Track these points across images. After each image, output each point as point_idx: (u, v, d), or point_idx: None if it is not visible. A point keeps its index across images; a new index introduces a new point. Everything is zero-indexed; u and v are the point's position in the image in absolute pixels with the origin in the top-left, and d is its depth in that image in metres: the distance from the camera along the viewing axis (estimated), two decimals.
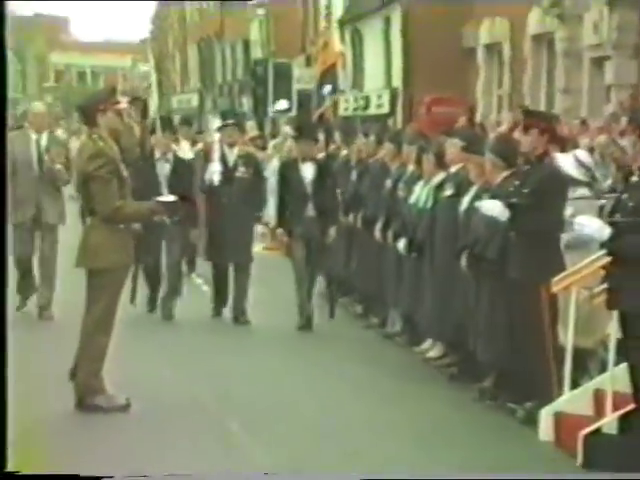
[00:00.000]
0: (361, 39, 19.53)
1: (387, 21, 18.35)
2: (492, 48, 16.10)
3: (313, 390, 5.72)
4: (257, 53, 27.01)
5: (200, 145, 9.67)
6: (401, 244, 6.91)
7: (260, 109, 20.10)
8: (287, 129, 15.02)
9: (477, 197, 5.80)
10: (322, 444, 4.62)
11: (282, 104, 17.69)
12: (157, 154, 7.70)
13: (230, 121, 7.99)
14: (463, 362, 6.11)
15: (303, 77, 21.38)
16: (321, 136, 10.08)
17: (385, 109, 18.54)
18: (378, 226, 7.54)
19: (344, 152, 9.21)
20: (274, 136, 14.20)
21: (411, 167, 7.32)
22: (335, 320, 7.71)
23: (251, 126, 14.05)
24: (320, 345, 7.10)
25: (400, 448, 4.65)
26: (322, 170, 7.70)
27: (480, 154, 5.99)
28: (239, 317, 7.79)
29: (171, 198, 5.28)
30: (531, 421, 5.02)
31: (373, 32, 19.02)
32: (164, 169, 7.61)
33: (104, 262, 5.05)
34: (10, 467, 3.73)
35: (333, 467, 4.31)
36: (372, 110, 18.94)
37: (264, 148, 12.08)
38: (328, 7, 19.22)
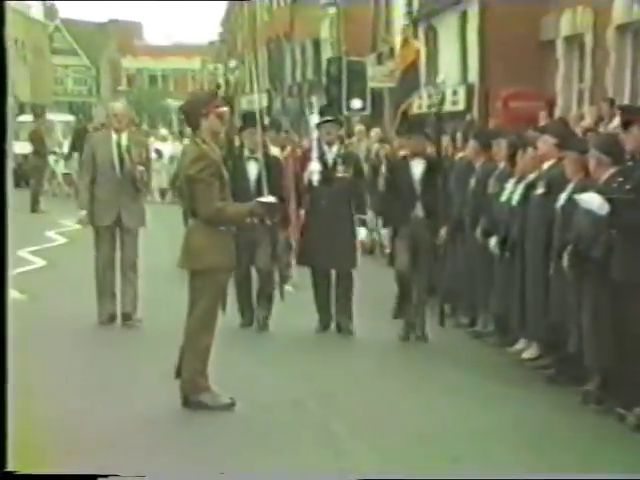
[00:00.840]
0: (435, 35, 19.38)
1: (463, 16, 18.14)
2: (573, 40, 15.72)
3: (413, 396, 5.62)
4: (327, 52, 27.04)
5: (289, 149, 8.99)
6: (492, 242, 6.80)
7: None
8: (361, 127, 14.96)
9: (575, 193, 5.66)
10: (425, 449, 4.55)
11: (356, 103, 17.60)
12: (246, 152, 7.32)
13: (329, 117, 7.50)
14: (561, 363, 5.97)
15: (376, 75, 21.32)
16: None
17: (461, 105, 18.33)
18: (467, 224, 7.45)
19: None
20: (349, 136, 14.16)
21: (502, 164, 7.22)
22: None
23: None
24: (415, 348, 6.95)
25: (505, 453, 4.54)
26: (433, 167, 7.21)
27: (575, 150, 5.86)
28: (342, 327, 7.28)
29: (271, 199, 5.27)
30: None
31: (448, 28, 18.83)
32: (253, 169, 7.16)
33: (206, 263, 5.07)
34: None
35: (437, 472, 4.24)
36: (447, 106, 18.71)
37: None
38: (409, 4, 19.10)
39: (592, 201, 5.25)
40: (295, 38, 32.97)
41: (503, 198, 6.84)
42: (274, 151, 8.60)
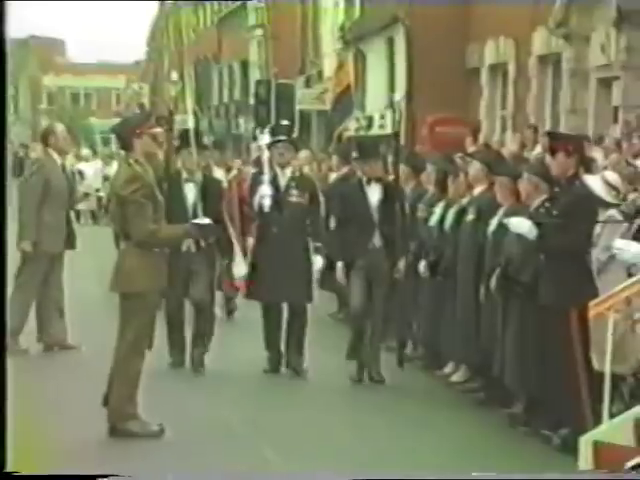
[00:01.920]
0: (364, 59, 19.61)
1: (390, 41, 18.42)
2: (496, 68, 16.16)
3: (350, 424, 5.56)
4: (255, 74, 27.10)
5: (235, 171, 8.61)
6: (422, 266, 6.86)
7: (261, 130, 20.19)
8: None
9: (506, 218, 5.77)
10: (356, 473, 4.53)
11: (283, 125, 17.75)
12: (184, 174, 6.72)
13: (282, 137, 6.88)
14: (489, 386, 6.05)
15: (304, 98, 21.46)
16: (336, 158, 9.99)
17: (388, 129, 18.56)
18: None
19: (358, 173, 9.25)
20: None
21: (431, 188, 7.32)
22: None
23: (255, 147, 14.06)
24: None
25: (434, 472, 4.56)
26: (390, 192, 6.58)
27: (506, 175, 5.98)
28: (294, 367, 6.67)
29: (206, 220, 5.25)
30: (567, 448, 4.96)
31: (376, 52, 19.08)
32: (191, 191, 6.51)
33: (138, 286, 5.03)
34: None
35: None
36: (375, 130, 18.96)
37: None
38: (342, 28, 19.26)
39: (521, 225, 5.36)
40: (223, 59, 32.94)
41: (432, 222, 6.93)
42: (218, 173, 8.11)
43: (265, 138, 6.95)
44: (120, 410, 4.96)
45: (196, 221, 5.24)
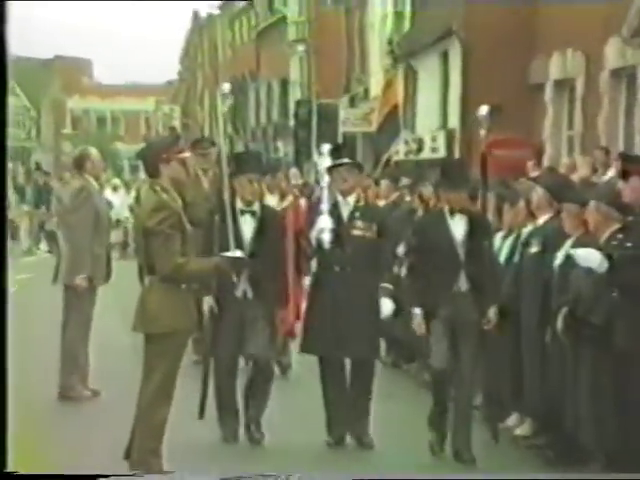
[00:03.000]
0: (415, 76, 19.66)
1: (444, 56, 18.44)
2: (563, 84, 16.03)
3: None
4: (296, 93, 27.32)
5: (290, 198, 8.06)
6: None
7: (302, 154, 20.28)
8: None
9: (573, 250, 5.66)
10: None
11: (327, 148, 17.83)
12: (239, 204, 6.22)
13: (345, 160, 6.31)
14: (560, 444, 5.87)
15: (348, 119, 21.56)
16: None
17: (441, 152, 18.54)
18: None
19: (407, 200, 9.23)
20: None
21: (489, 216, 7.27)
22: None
23: (294, 174, 14.11)
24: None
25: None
26: (477, 225, 6.04)
27: (574, 202, 5.88)
28: (362, 439, 6.12)
29: (237, 253, 5.23)
30: None
31: (428, 69, 19.11)
32: (249, 225, 6.19)
33: (164, 326, 5.01)
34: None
35: None
36: (426, 153, 18.94)
37: (310, 197, 11.96)
38: (391, 42, 19.33)
39: (590, 257, 5.24)
40: (261, 77, 33.29)
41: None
42: (271, 201, 7.73)
43: (325, 160, 6.39)
44: (143, 464, 4.92)
45: (227, 254, 5.22)
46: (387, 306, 6.21)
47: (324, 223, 6.22)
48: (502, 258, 6.63)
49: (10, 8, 3.55)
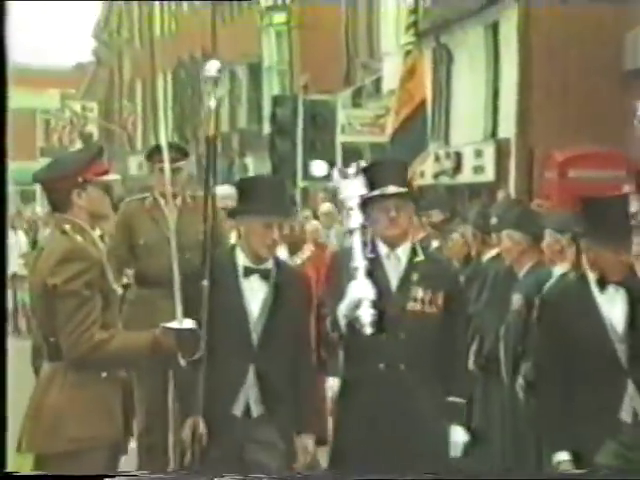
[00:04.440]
0: (449, 60, 19.88)
1: (494, 29, 18.66)
2: None
3: None
4: (273, 85, 27.51)
5: (308, 249, 7.94)
6: None
7: (282, 176, 20.40)
8: (329, 207, 15.10)
9: None
10: None
11: (319, 167, 17.76)
12: (243, 260, 5.91)
13: (391, 188, 5.91)
14: None
15: (351, 124, 21.72)
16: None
17: (488, 174, 18.72)
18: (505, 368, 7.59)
19: (434, 244, 9.33)
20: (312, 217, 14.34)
21: (560, 268, 7.43)
22: None
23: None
24: None
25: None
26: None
27: None
28: None
29: (187, 324, 5.26)
30: None
31: (469, 48, 19.32)
32: (258, 291, 5.88)
33: (69, 440, 5.03)
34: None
35: None
36: (466, 175, 19.12)
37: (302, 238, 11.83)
38: (415, 11, 19.39)
39: None
40: (220, 60, 33.57)
41: None
42: (281, 254, 7.47)
43: (352, 186, 6.00)
44: None
45: (171, 325, 5.29)
46: (458, 433, 5.94)
47: (361, 292, 5.76)
48: None
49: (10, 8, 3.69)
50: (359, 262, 5.81)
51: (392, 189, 5.90)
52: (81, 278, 5.06)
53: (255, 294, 5.87)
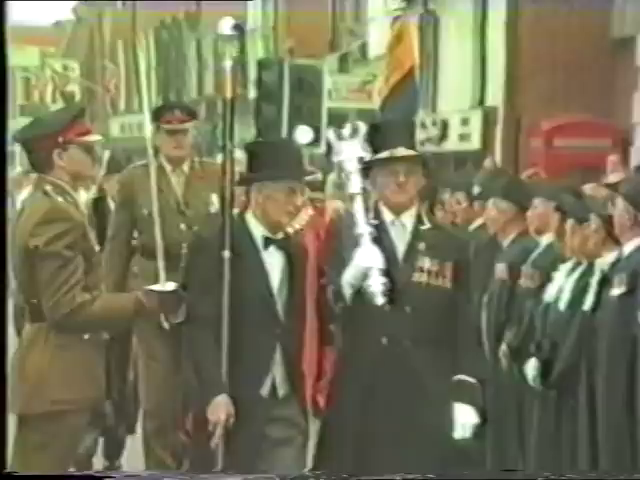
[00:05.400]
0: (437, 26, 19.85)
1: None
2: None
3: None
4: (257, 48, 27.47)
5: (305, 213, 7.32)
6: (531, 369, 6.87)
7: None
8: (316, 177, 14.93)
9: None
10: None
11: (304, 134, 17.69)
12: (261, 230, 5.61)
13: (401, 150, 5.64)
14: None
15: (338, 89, 21.70)
16: None
17: (474, 142, 18.71)
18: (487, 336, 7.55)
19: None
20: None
21: (546, 239, 7.41)
22: None
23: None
24: None
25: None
26: None
27: None
28: None
29: (170, 286, 5.25)
30: None
31: (457, 14, 19.32)
32: (277, 262, 5.61)
33: (51, 402, 5.06)
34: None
35: None
36: (452, 143, 19.12)
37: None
38: None
39: None
40: (203, 24, 33.40)
41: (548, 296, 6.98)
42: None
43: (350, 148, 5.71)
44: None
45: (154, 287, 5.26)
46: (466, 417, 5.62)
47: (370, 260, 5.49)
48: (563, 302, 6.78)
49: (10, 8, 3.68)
50: (363, 228, 5.54)
51: (402, 151, 5.62)
52: (62, 239, 5.07)
53: (274, 266, 5.57)
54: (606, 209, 6.74)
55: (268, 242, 5.57)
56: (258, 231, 5.58)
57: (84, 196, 5.43)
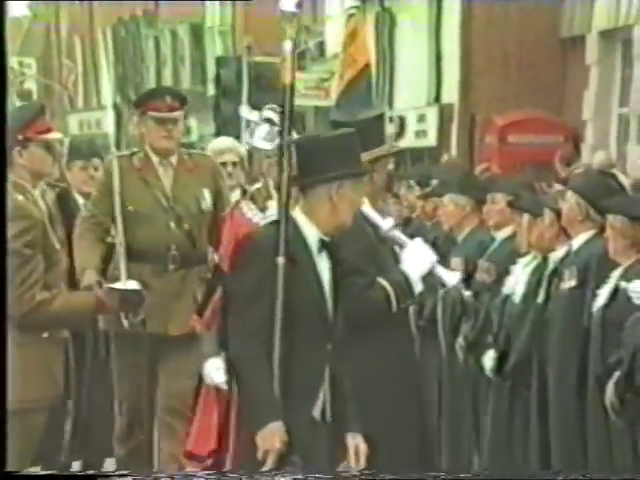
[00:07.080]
0: (392, 24, 19.82)
1: None
2: (612, 36, 16.03)
3: None
4: (216, 46, 27.26)
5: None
6: (488, 360, 6.93)
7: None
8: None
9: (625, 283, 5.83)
10: None
11: (263, 130, 17.77)
12: (314, 232, 5.02)
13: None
14: None
15: (296, 87, 21.62)
16: None
17: (431, 138, 18.68)
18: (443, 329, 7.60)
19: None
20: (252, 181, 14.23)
21: (502, 233, 7.45)
22: None
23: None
24: None
25: None
26: None
27: (623, 216, 6.00)
28: None
29: (132, 285, 5.24)
30: None
31: (413, 12, 19.27)
32: (325, 268, 5.04)
33: (10, 401, 4.93)
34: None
35: None
36: (408, 140, 19.09)
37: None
38: None
39: None
40: (162, 20, 33.18)
41: (505, 289, 7.01)
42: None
43: (260, 127, 5.66)
44: None
45: (115, 285, 5.23)
46: None
47: (427, 256, 5.59)
48: (518, 295, 6.81)
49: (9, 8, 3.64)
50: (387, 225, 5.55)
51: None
52: (22, 237, 5.05)
53: (324, 271, 5.01)
54: (557, 204, 6.78)
55: (323, 245, 5.01)
56: (312, 233, 4.98)
57: (48, 193, 5.36)
